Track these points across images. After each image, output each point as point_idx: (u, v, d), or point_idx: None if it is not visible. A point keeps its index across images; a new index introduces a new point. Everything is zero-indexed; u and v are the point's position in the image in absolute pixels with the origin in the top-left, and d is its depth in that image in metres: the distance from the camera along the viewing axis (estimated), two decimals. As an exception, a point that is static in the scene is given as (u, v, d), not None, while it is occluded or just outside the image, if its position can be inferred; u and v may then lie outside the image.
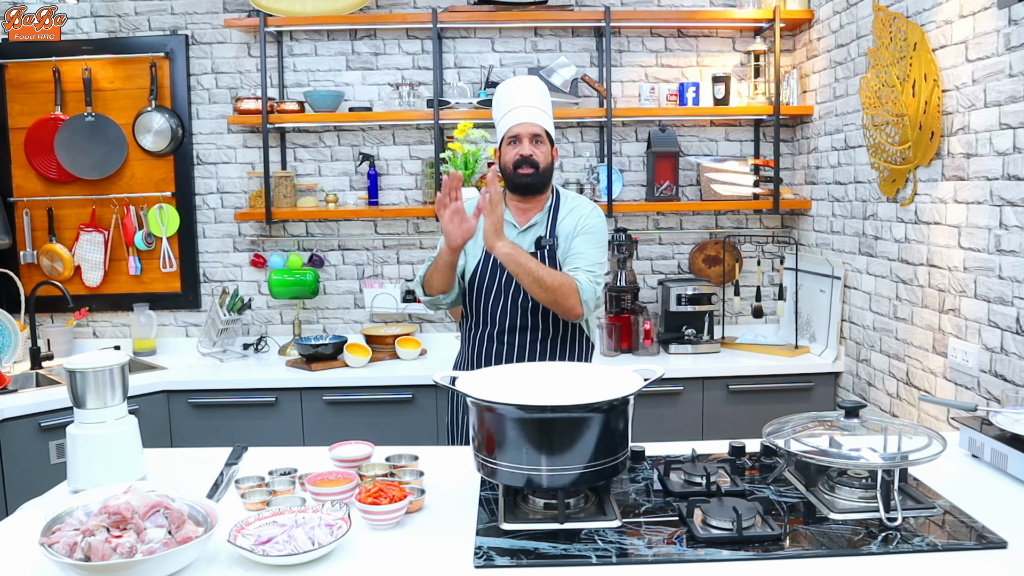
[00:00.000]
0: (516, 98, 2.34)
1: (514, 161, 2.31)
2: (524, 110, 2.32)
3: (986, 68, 2.32)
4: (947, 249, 2.56)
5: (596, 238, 2.35)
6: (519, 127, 2.30)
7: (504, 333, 2.36)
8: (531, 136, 2.30)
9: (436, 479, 1.77)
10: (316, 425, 3.25)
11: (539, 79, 2.45)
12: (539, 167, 2.31)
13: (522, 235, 2.38)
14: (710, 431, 3.26)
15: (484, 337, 2.39)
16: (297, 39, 3.76)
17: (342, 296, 3.86)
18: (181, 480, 1.78)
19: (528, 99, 2.33)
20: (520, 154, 2.30)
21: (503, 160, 2.35)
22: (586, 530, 1.50)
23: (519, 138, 2.31)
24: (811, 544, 1.43)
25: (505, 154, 2.34)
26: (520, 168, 2.30)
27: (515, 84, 2.40)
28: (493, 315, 2.37)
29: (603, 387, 1.60)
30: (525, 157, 2.29)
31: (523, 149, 2.29)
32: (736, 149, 3.84)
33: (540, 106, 2.35)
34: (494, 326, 2.37)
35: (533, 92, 2.35)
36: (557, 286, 2.19)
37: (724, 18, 3.60)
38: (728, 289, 3.81)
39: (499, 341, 2.37)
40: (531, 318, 2.34)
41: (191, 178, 3.79)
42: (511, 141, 2.32)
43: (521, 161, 2.30)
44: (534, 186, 2.34)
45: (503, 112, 2.35)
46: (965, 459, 1.88)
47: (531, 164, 2.29)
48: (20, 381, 3.29)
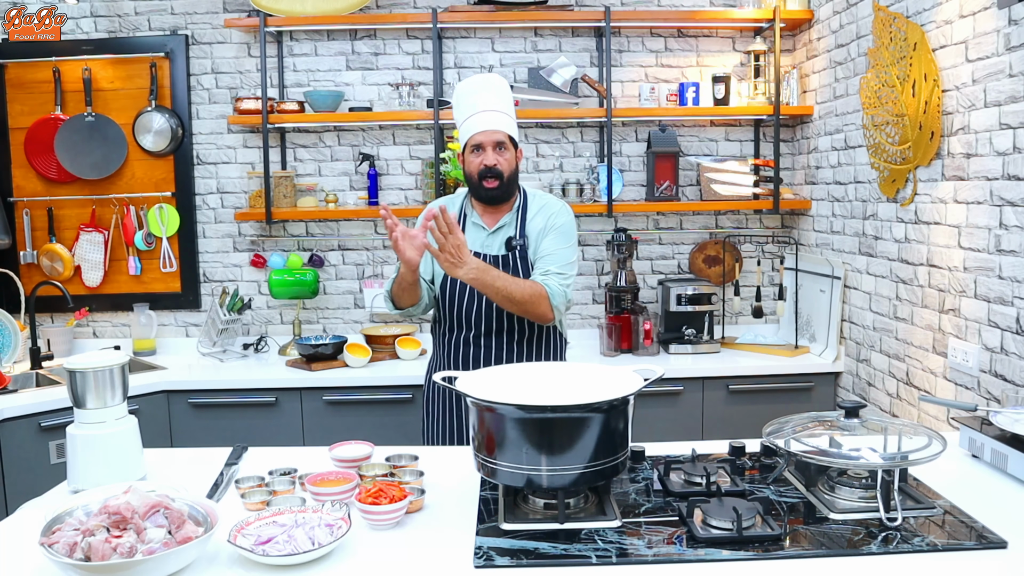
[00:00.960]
0: (477, 101, 2.29)
1: (479, 172, 2.29)
2: (486, 116, 2.28)
3: (986, 68, 2.32)
4: (947, 249, 2.56)
5: (565, 236, 2.36)
6: (482, 135, 2.27)
7: (480, 336, 2.37)
8: (494, 144, 2.27)
9: (436, 479, 1.77)
10: (316, 425, 3.25)
11: (499, 77, 2.42)
12: (503, 177, 2.29)
13: (492, 236, 2.38)
14: (710, 431, 3.26)
15: (460, 341, 2.39)
16: (297, 39, 3.76)
17: (342, 296, 3.86)
18: (181, 480, 1.78)
19: (489, 102, 2.29)
20: (484, 164, 2.27)
21: (467, 168, 2.32)
22: (586, 530, 1.50)
23: (482, 147, 2.28)
24: (811, 544, 1.43)
25: (469, 163, 2.31)
26: (485, 180, 2.28)
27: (475, 86, 2.35)
28: (467, 319, 2.37)
29: (603, 387, 1.60)
30: (489, 167, 2.27)
31: (487, 159, 2.27)
32: (736, 149, 3.84)
33: (503, 109, 2.31)
34: (469, 330, 2.38)
35: (494, 95, 2.31)
36: (527, 298, 2.22)
37: (724, 18, 3.60)
38: (728, 289, 3.81)
39: (475, 344, 2.38)
40: (506, 321, 2.35)
41: (191, 178, 3.79)
42: (474, 149, 2.29)
43: (486, 172, 2.28)
44: (498, 197, 2.33)
45: (464, 116, 2.31)
46: (965, 459, 1.88)
47: (495, 175, 2.28)
48: (20, 381, 3.29)
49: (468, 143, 2.30)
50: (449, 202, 2.46)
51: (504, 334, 2.36)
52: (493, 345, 2.36)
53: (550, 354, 2.43)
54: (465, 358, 2.38)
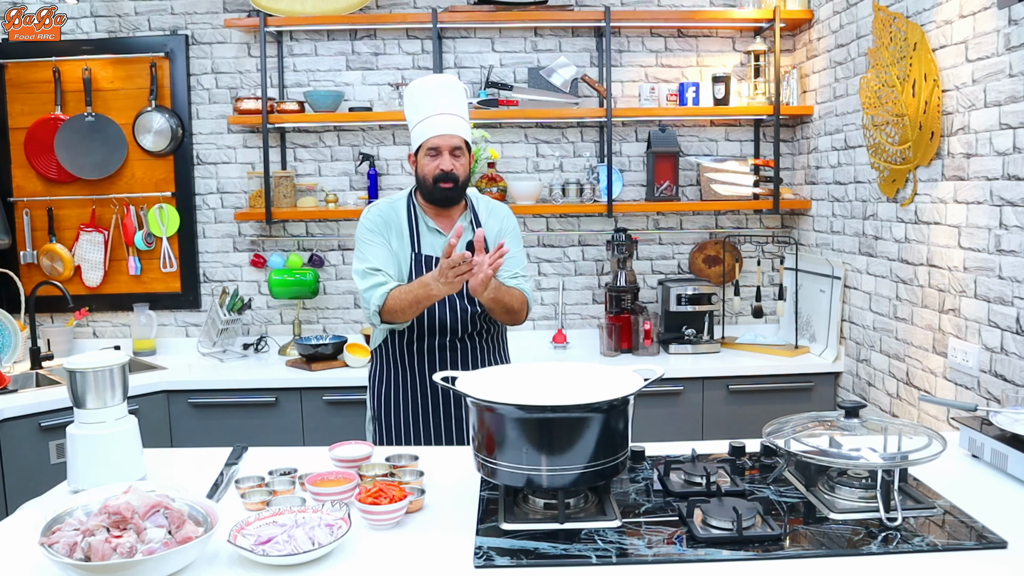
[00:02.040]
0: (434, 103, 2.29)
1: (435, 175, 2.29)
2: (443, 119, 2.28)
3: (986, 68, 2.32)
4: (947, 249, 2.56)
5: (518, 238, 2.48)
6: (439, 139, 2.27)
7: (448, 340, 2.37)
8: (451, 149, 2.28)
9: (436, 479, 1.77)
10: (316, 425, 3.25)
11: (454, 78, 2.43)
12: (458, 181, 2.30)
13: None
14: (710, 431, 3.26)
15: (433, 346, 2.37)
16: (297, 39, 3.76)
17: (342, 296, 3.86)
18: (181, 480, 1.78)
19: (446, 105, 2.29)
20: (441, 168, 2.28)
21: (422, 171, 2.31)
22: (586, 530, 1.50)
23: (439, 151, 2.28)
24: (811, 544, 1.43)
25: (424, 165, 2.30)
26: (441, 182, 2.29)
27: (432, 86, 2.34)
28: (441, 326, 2.35)
29: (603, 387, 1.61)
30: (446, 172, 2.28)
31: (443, 163, 2.28)
32: (736, 149, 3.84)
33: (459, 112, 2.31)
34: (443, 335, 2.36)
35: (450, 97, 2.31)
36: (519, 306, 2.34)
37: (724, 18, 3.60)
38: (728, 289, 3.81)
39: (450, 348, 2.37)
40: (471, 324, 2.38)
41: (191, 178, 3.79)
42: (430, 152, 2.29)
43: (442, 176, 2.28)
44: (454, 199, 2.34)
45: (420, 117, 2.30)
46: (965, 459, 1.88)
47: (451, 179, 2.28)
48: (20, 381, 3.29)
49: (423, 145, 2.29)
50: (391, 207, 2.41)
51: (473, 336, 2.40)
52: (458, 347, 2.39)
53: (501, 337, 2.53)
54: (442, 362, 2.37)
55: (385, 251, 2.33)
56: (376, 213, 2.38)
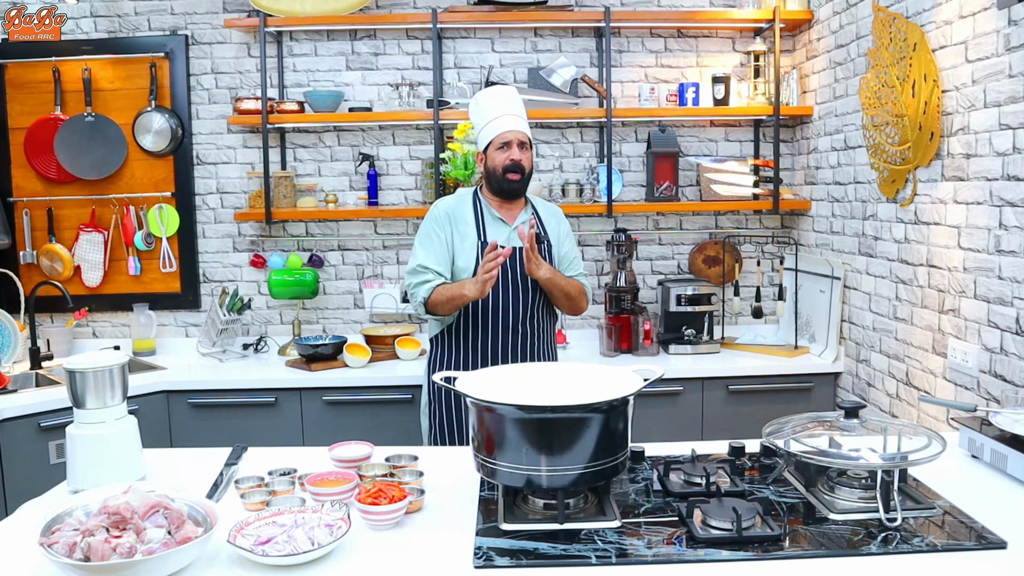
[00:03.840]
0: (503, 106, 2.54)
1: (504, 165, 2.51)
2: (511, 119, 2.53)
3: (986, 68, 2.32)
4: (947, 249, 2.56)
5: (574, 238, 2.76)
6: (509, 133, 2.51)
7: (509, 332, 2.55)
8: (519, 142, 2.52)
9: (436, 479, 1.77)
10: (316, 425, 3.25)
11: (515, 90, 2.69)
12: (525, 172, 2.54)
13: (515, 231, 2.58)
14: (710, 431, 3.26)
15: (490, 334, 2.56)
16: (297, 39, 3.76)
17: (342, 296, 3.86)
18: (181, 480, 1.78)
19: (513, 108, 2.55)
20: (511, 159, 2.50)
21: (492, 163, 2.54)
22: (586, 530, 1.50)
23: (509, 144, 2.51)
24: (811, 544, 1.43)
25: (494, 158, 2.53)
26: (509, 173, 2.51)
27: (498, 92, 2.60)
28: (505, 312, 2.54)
29: (603, 387, 1.61)
30: (516, 162, 2.50)
31: (513, 154, 2.50)
32: (736, 149, 3.84)
33: (523, 115, 2.58)
34: (502, 321, 2.55)
35: (517, 103, 2.58)
36: (577, 294, 2.62)
37: (724, 18, 3.60)
38: (728, 289, 3.81)
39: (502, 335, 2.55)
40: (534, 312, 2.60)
41: (191, 178, 3.79)
42: (501, 146, 2.52)
43: (512, 166, 2.51)
44: (520, 190, 2.58)
45: (490, 118, 2.54)
46: (965, 459, 1.88)
47: (519, 169, 2.51)
48: (20, 381, 3.29)
49: (495, 140, 2.52)
50: (458, 201, 2.63)
51: (527, 324, 2.59)
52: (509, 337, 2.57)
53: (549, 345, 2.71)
54: (493, 354, 2.56)
55: (439, 249, 2.54)
56: (443, 208, 2.61)
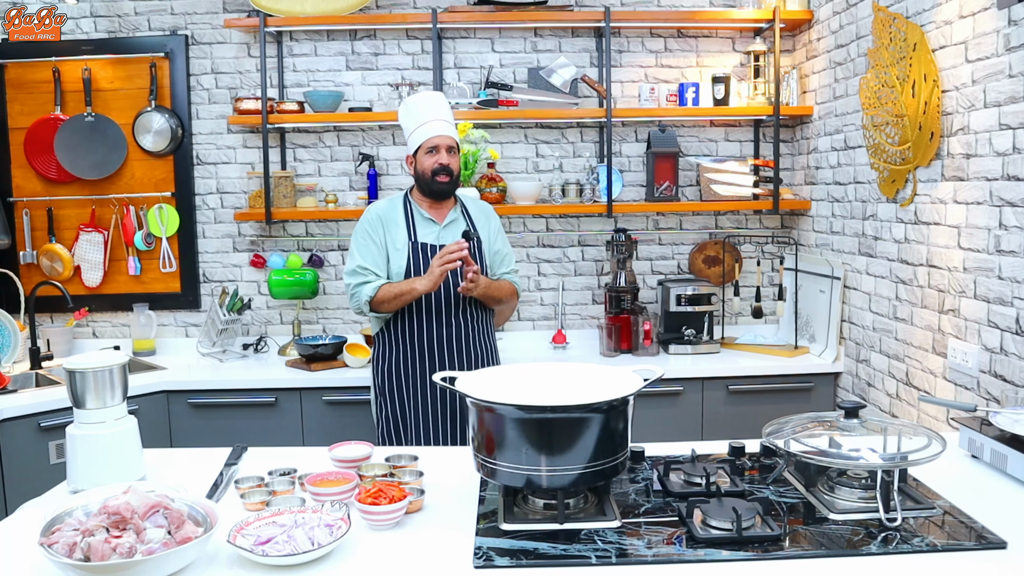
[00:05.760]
0: (431, 111, 2.66)
1: (433, 168, 2.63)
2: (439, 124, 2.65)
3: (986, 68, 2.32)
4: (947, 249, 2.56)
5: (504, 235, 2.85)
6: (438, 139, 2.63)
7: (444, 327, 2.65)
8: (447, 147, 2.65)
9: (436, 479, 1.77)
10: (316, 425, 3.25)
11: (442, 94, 2.80)
12: (453, 174, 2.66)
13: (445, 230, 2.71)
14: (710, 431, 3.26)
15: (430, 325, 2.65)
16: (297, 39, 3.76)
17: (342, 296, 3.85)
18: (181, 480, 1.78)
19: (442, 114, 2.68)
20: (439, 162, 2.63)
21: (421, 166, 2.65)
22: (586, 530, 1.50)
23: (437, 148, 2.63)
24: (811, 544, 1.43)
25: (423, 161, 2.65)
26: (438, 176, 2.64)
27: (426, 99, 2.72)
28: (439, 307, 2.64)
29: (603, 387, 1.61)
30: (444, 165, 2.63)
31: (441, 158, 2.64)
32: (736, 149, 3.84)
33: (451, 121, 2.71)
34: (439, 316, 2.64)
35: (445, 108, 2.70)
36: (507, 297, 2.76)
37: (724, 18, 3.60)
38: (728, 289, 3.81)
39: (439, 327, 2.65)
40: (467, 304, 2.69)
41: (191, 178, 3.79)
42: (429, 150, 2.64)
43: (440, 169, 2.63)
44: (448, 192, 2.70)
45: (419, 123, 2.65)
46: (965, 459, 1.88)
47: (447, 172, 2.64)
48: (20, 381, 3.29)
49: (423, 144, 2.64)
50: (389, 204, 2.75)
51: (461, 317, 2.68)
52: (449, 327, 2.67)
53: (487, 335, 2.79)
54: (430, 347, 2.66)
55: (375, 251, 2.66)
56: (374, 212, 2.72)
